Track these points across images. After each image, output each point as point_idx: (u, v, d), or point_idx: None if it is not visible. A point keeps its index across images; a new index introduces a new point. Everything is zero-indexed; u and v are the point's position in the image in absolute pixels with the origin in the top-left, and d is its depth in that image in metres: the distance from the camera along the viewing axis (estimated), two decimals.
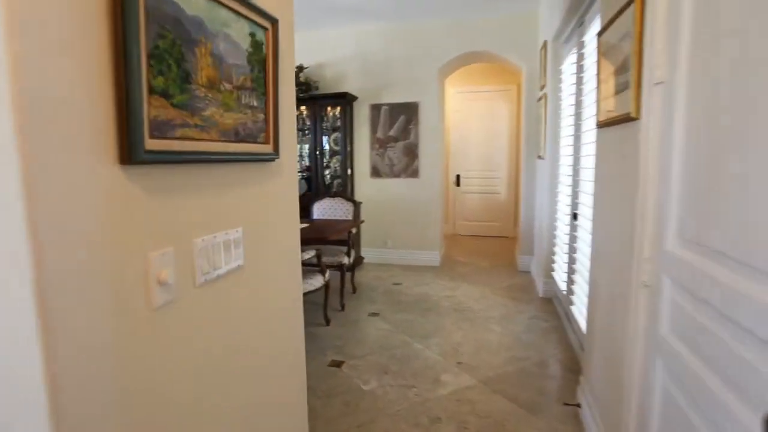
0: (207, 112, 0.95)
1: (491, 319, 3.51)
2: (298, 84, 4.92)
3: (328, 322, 3.37)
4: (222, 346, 1.07)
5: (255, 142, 1.15)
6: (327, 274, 3.24)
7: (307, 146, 5.22)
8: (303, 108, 5.03)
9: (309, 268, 3.23)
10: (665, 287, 1.23)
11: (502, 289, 4.28)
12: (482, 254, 5.79)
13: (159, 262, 0.85)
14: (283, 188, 1.36)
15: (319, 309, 3.43)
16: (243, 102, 1.08)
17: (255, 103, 1.14)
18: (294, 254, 1.48)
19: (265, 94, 1.18)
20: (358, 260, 5.19)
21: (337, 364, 2.74)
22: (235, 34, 1.03)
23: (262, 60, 1.15)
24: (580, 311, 2.74)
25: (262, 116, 1.17)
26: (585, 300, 2.44)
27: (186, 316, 0.94)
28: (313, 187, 5.15)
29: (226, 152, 1.02)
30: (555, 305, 3.77)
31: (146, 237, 0.82)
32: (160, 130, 0.81)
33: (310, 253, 3.05)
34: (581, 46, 2.86)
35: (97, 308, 0.72)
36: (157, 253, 0.84)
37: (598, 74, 1.91)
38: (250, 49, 1.10)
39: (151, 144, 0.79)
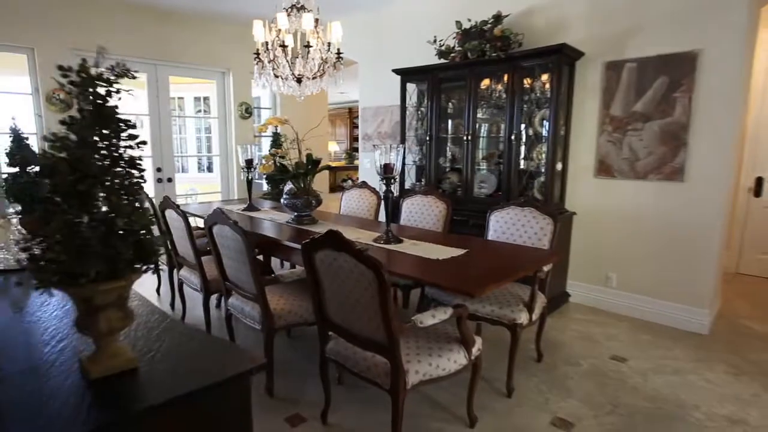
0: None
1: None
2: (491, 40, 3.50)
3: (472, 422, 2.00)
4: None
5: None
6: (476, 347, 1.86)
7: (500, 127, 3.76)
8: (505, 77, 3.56)
9: (440, 328, 1.91)
10: None
11: None
12: None
13: None
14: None
15: (464, 391, 2.06)
16: None
17: None
18: None
19: None
20: (559, 299, 3.50)
21: None
22: None
23: None
24: None
25: None
26: None
27: None
28: (504, 185, 3.68)
29: None
30: None
31: None
32: None
33: (442, 314, 1.72)
34: None
35: None
36: None
37: None
38: None
39: None
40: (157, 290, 3.76)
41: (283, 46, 2.64)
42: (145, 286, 3.87)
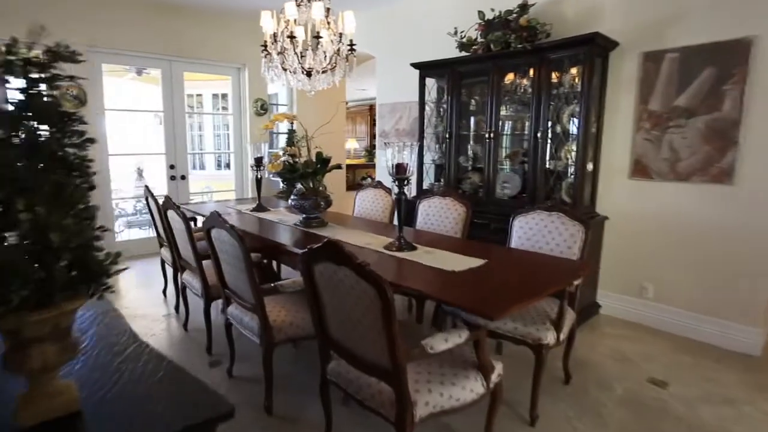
0: None
1: None
2: (516, 30, 3.24)
3: None
4: None
5: None
6: (496, 374, 1.64)
7: (525, 124, 3.50)
8: (531, 70, 3.29)
9: (454, 351, 1.69)
10: None
11: None
12: None
13: None
14: None
15: (481, 418, 1.84)
16: None
17: None
18: None
19: None
20: (589, 311, 3.23)
21: None
22: None
23: None
24: None
25: None
26: None
27: None
28: (528, 186, 3.42)
29: None
30: None
31: None
32: None
33: (456, 338, 1.51)
34: None
35: None
36: None
37: None
38: None
39: None
40: (164, 291, 3.66)
41: (292, 37, 2.46)
42: (152, 288, 3.77)
